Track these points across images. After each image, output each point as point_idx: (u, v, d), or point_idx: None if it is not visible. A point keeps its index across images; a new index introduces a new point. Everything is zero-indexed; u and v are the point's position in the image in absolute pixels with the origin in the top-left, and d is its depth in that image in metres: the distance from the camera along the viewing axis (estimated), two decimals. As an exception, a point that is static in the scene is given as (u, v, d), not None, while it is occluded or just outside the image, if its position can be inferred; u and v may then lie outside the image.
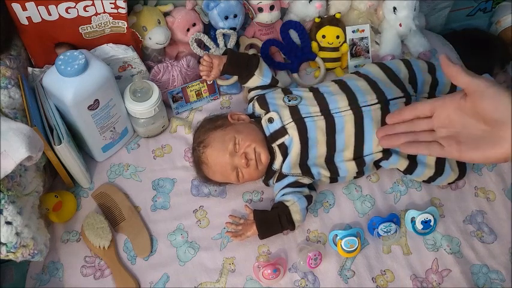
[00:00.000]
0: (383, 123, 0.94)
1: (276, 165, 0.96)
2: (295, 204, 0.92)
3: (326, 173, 0.96)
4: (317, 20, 1.19)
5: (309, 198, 0.94)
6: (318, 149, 0.95)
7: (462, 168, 0.98)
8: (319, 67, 1.20)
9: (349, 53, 1.19)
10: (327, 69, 1.20)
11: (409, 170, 0.97)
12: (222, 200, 1.01)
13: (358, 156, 0.96)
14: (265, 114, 0.98)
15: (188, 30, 1.12)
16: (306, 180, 0.96)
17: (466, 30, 1.46)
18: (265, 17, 1.14)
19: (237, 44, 1.17)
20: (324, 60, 1.19)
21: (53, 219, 0.95)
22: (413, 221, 0.96)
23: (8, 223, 0.74)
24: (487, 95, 0.60)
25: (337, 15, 1.20)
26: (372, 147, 0.95)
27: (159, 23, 1.08)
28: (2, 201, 0.74)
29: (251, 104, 1.04)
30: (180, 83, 1.11)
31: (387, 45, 1.20)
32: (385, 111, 0.95)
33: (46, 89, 0.91)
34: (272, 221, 0.92)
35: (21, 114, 0.88)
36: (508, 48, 1.41)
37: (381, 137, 0.75)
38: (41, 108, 0.91)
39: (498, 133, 0.60)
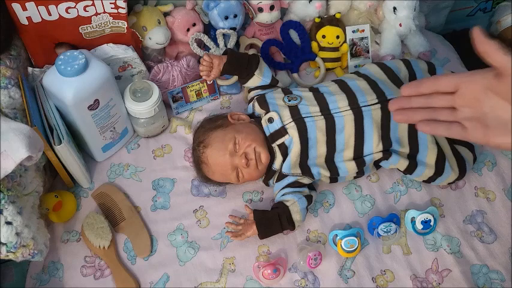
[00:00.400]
0: (383, 123, 0.95)
1: (276, 165, 0.96)
2: (295, 204, 0.92)
3: (326, 173, 0.96)
4: (317, 20, 1.19)
5: (309, 198, 0.94)
6: (318, 149, 0.95)
7: (462, 168, 0.98)
8: (319, 67, 1.20)
9: (349, 53, 1.19)
10: (327, 69, 1.20)
11: (409, 170, 0.97)
12: (222, 200, 1.01)
13: (358, 156, 0.96)
14: (265, 114, 0.98)
15: (188, 30, 1.12)
16: (306, 180, 0.96)
17: (466, 30, 1.46)
18: (265, 17, 1.14)
19: (237, 44, 1.17)
20: (324, 60, 1.19)
21: (53, 219, 0.95)
22: (413, 221, 0.96)
23: (8, 223, 0.74)
24: None
25: (337, 15, 1.20)
26: (372, 147, 0.95)
27: (159, 23, 1.08)
28: (2, 201, 0.74)
29: (251, 104, 1.04)
30: (180, 83, 1.11)
31: (387, 45, 1.20)
32: (385, 111, 0.95)
33: (46, 89, 0.91)
34: (272, 221, 0.92)
35: (21, 114, 0.88)
36: (508, 48, 1.41)
37: (394, 110, 0.65)
38: (41, 108, 0.91)
39: None
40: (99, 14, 0.98)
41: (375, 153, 0.96)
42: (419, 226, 0.95)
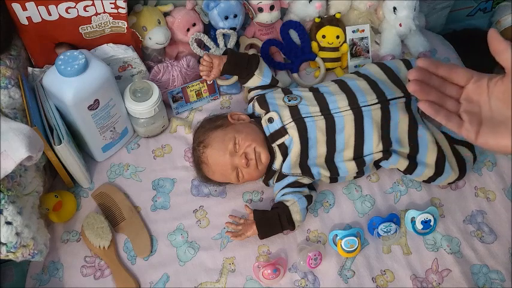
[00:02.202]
0: (383, 123, 0.95)
1: (276, 165, 0.96)
2: (295, 204, 0.92)
3: (326, 173, 0.96)
4: (317, 20, 1.19)
5: (309, 198, 0.94)
6: (318, 149, 0.95)
7: (462, 168, 0.98)
8: (319, 67, 1.20)
9: (349, 53, 1.19)
10: (327, 69, 1.20)
11: (409, 170, 0.97)
12: (222, 200, 1.01)
13: (358, 156, 0.96)
14: (265, 114, 0.98)
15: (188, 30, 1.12)
16: (306, 180, 0.96)
17: (466, 30, 1.46)
18: (265, 17, 1.14)
19: (237, 44, 1.17)
20: (324, 60, 1.19)
21: (53, 219, 0.95)
22: (413, 221, 0.96)
23: (8, 223, 0.74)
24: None
25: (337, 15, 1.20)
26: (372, 147, 0.95)
27: (159, 23, 1.08)
28: (2, 201, 0.74)
29: (251, 104, 1.04)
30: (180, 83, 1.11)
31: (387, 45, 1.20)
32: (385, 111, 0.95)
33: (46, 89, 0.91)
34: (272, 221, 0.92)
35: (21, 114, 0.88)
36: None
37: (413, 80, 0.65)
38: (41, 108, 0.91)
39: None
40: (99, 14, 0.98)
41: (375, 153, 0.96)
42: (419, 226, 0.95)
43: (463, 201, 1.02)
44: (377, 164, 1.00)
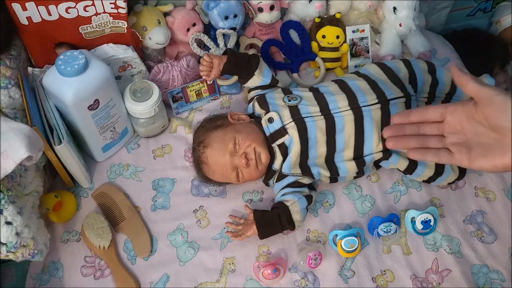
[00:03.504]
0: (383, 123, 0.95)
1: (276, 165, 0.96)
2: (295, 204, 0.92)
3: (326, 173, 0.96)
4: (317, 20, 1.19)
5: (309, 198, 0.94)
6: (318, 149, 0.95)
7: (462, 168, 0.98)
8: (319, 67, 1.20)
9: (349, 53, 1.19)
10: (327, 69, 1.20)
11: (409, 170, 0.97)
12: (222, 200, 1.01)
13: (358, 156, 0.96)
14: (265, 114, 0.98)
15: (188, 30, 1.12)
16: (306, 180, 0.96)
17: (466, 30, 1.46)
18: (265, 17, 1.14)
19: (237, 44, 1.17)
20: (324, 60, 1.19)
21: (53, 219, 0.95)
22: (413, 221, 0.96)
23: (8, 223, 0.74)
24: (495, 103, 0.60)
25: (337, 15, 1.20)
26: (372, 147, 0.95)
27: (159, 23, 1.08)
28: (2, 201, 0.74)
29: (251, 104, 1.04)
30: (180, 83, 1.11)
31: (387, 45, 1.20)
32: (385, 111, 0.95)
33: (46, 89, 0.91)
34: (272, 221, 0.92)
35: (21, 114, 0.88)
36: (508, 48, 1.41)
37: (387, 137, 0.71)
38: (41, 108, 0.91)
39: (506, 141, 0.60)
40: (99, 14, 0.98)
41: (375, 153, 0.96)
42: (419, 226, 0.95)
43: (463, 201, 1.02)
44: (377, 164, 1.00)
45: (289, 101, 0.98)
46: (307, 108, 0.96)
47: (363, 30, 1.19)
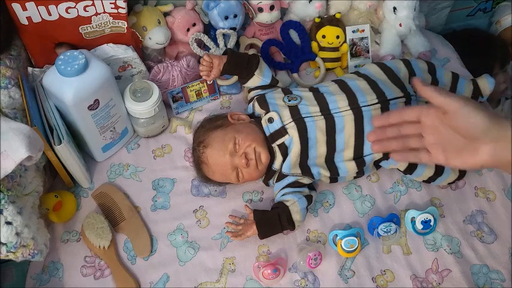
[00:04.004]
0: (383, 123, 0.95)
1: (276, 165, 0.96)
2: (295, 204, 0.92)
3: (326, 173, 0.96)
4: (317, 20, 1.19)
5: (309, 198, 0.94)
6: (318, 149, 0.95)
7: (462, 168, 0.99)
8: (319, 67, 1.20)
9: (349, 53, 1.19)
10: (327, 69, 1.20)
11: (409, 170, 0.98)
12: (222, 200, 1.01)
13: (358, 156, 0.96)
14: (265, 114, 0.98)
15: (188, 30, 1.12)
16: (306, 180, 0.96)
17: (466, 30, 1.46)
18: (265, 17, 1.14)
19: (237, 44, 1.17)
20: (324, 60, 1.19)
21: (53, 219, 0.95)
22: (413, 221, 0.96)
23: (8, 223, 0.74)
24: (460, 114, 0.64)
25: (337, 15, 1.20)
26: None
27: (159, 23, 1.08)
28: (2, 201, 0.74)
29: (251, 104, 1.04)
30: (180, 83, 1.11)
31: (387, 45, 1.20)
32: (385, 111, 0.95)
33: (46, 89, 0.91)
34: (272, 221, 0.92)
35: (21, 114, 0.88)
36: (508, 48, 1.42)
37: (372, 141, 0.75)
38: (41, 108, 0.91)
39: (474, 145, 0.64)
40: (99, 14, 0.98)
41: (375, 153, 0.96)
42: (419, 226, 0.95)
43: (463, 201, 1.02)
44: (377, 164, 1.00)
45: (289, 101, 0.98)
46: (307, 108, 0.96)
47: (363, 30, 1.19)
